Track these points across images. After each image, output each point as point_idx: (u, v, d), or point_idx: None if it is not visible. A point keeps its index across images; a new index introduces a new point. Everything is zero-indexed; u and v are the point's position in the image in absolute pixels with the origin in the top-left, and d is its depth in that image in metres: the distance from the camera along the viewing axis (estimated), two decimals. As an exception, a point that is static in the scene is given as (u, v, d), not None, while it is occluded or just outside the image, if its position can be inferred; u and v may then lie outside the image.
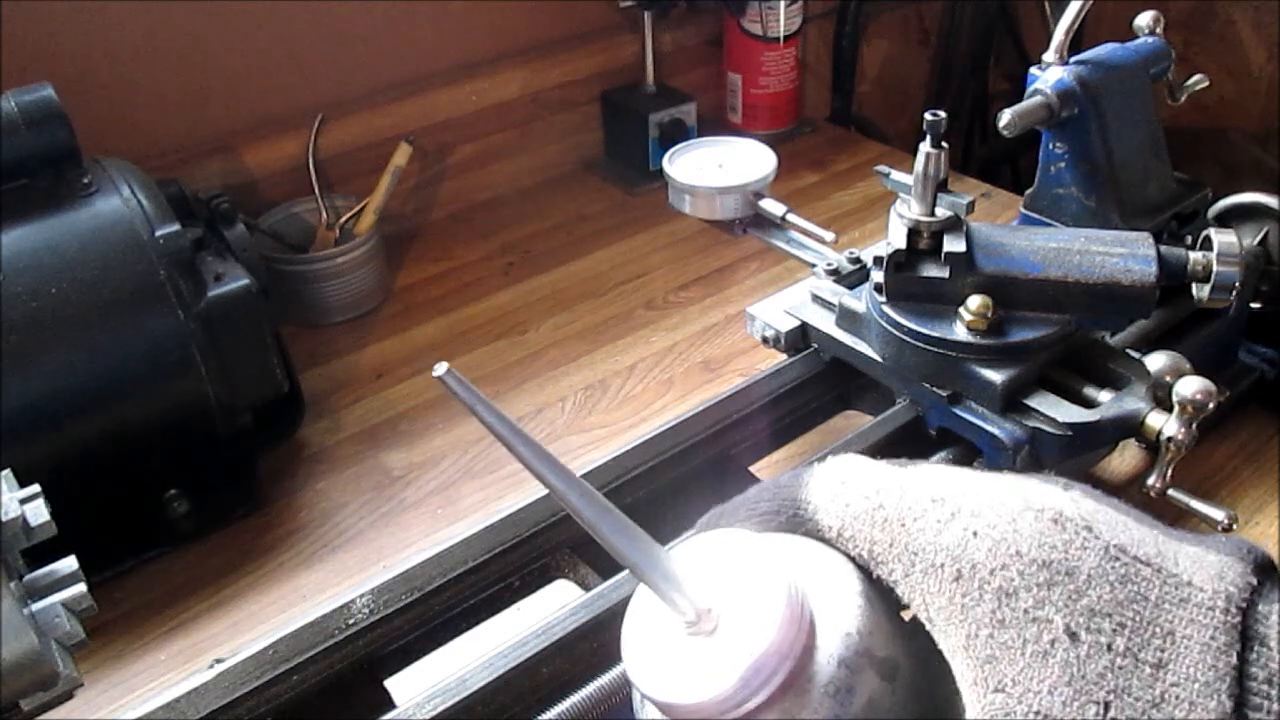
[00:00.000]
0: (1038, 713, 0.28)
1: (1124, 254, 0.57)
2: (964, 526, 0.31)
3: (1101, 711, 0.27)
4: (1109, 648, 0.28)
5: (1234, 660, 0.27)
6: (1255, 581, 0.29)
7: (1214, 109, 1.39)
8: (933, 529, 0.32)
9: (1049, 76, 0.67)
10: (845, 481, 0.34)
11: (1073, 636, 0.28)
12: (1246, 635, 0.28)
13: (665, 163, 0.75)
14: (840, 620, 0.31)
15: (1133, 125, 0.69)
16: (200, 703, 0.46)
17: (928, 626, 0.31)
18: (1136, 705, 0.27)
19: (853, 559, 0.33)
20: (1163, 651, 0.28)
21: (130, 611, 0.68)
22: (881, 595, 0.33)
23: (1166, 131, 0.72)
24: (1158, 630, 0.28)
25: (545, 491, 0.56)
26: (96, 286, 0.66)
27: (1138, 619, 0.28)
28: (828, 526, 0.34)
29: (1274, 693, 0.27)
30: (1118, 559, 0.30)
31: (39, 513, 0.41)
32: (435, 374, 0.30)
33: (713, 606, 0.31)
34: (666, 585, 0.32)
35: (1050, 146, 0.70)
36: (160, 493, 0.72)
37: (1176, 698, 0.27)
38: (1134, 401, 0.56)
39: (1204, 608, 0.28)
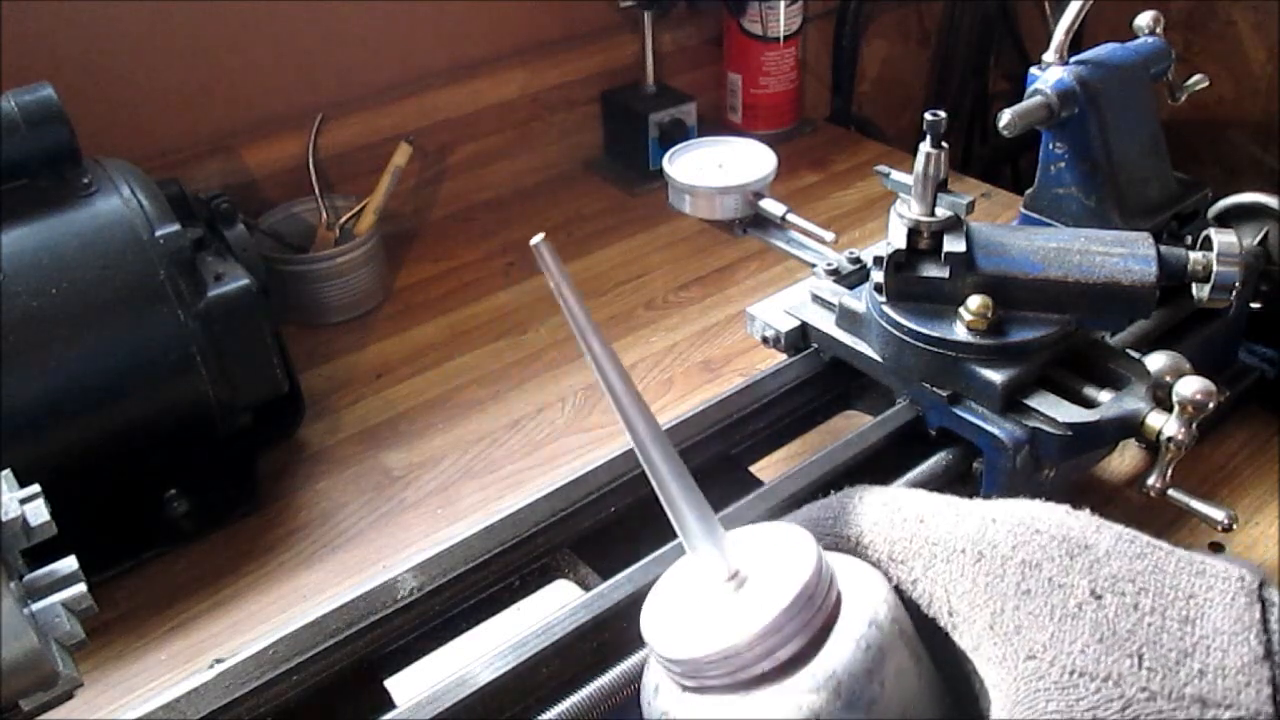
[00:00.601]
0: (1072, 671, 0.28)
1: (1124, 254, 0.57)
2: (982, 516, 0.32)
3: (1136, 663, 0.27)
4: (1135, 607, 0.29)
5: (1257, 615, 0.28)
6: (1260, 577, 0.30)
7: (1214, 109, 1.39)
8: (951, 521, 0.32)
9: (1049, 76, 0.67)
10: (862, 498, 0.36)
11: (1098, 598, 0.29)
12: (1262, 602, 0.29)
13: (665, 163, 0.75)
14: (871, 593, 0.31)
15: (1133, 125, 0.69)
16: (200, 703, 0.46)
17: (948, 621, 0.31)
18: (1169, 655, 0.27)
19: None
20: (1187, 610, 0.28)
21: (130, 611, 0.68)
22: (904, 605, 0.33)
23: (1166, 131, 0.72)
24: (1179, 594, 0.29)
25: (545, 491, 0.57)
26: (96, 286, 0.66)
27: (1159, 585, 0.29)
28: (847, 536, 0.35)
29: None
30: (1133, 541, 0.31)
31: (39, 513, 0.41)
32: (533, 243, 0.31)
33: (744, 566, 0.32)
34: (702, 529, 0.32)
35: (1050, 146, 0.70)
36: (160, 493, 0.72)
37: (1208, 647, 0.27)
38: (1134, 401, 0.56)
39: (1220, 577, 0.29)
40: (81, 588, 0.42)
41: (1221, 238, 0.57)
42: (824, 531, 0.35)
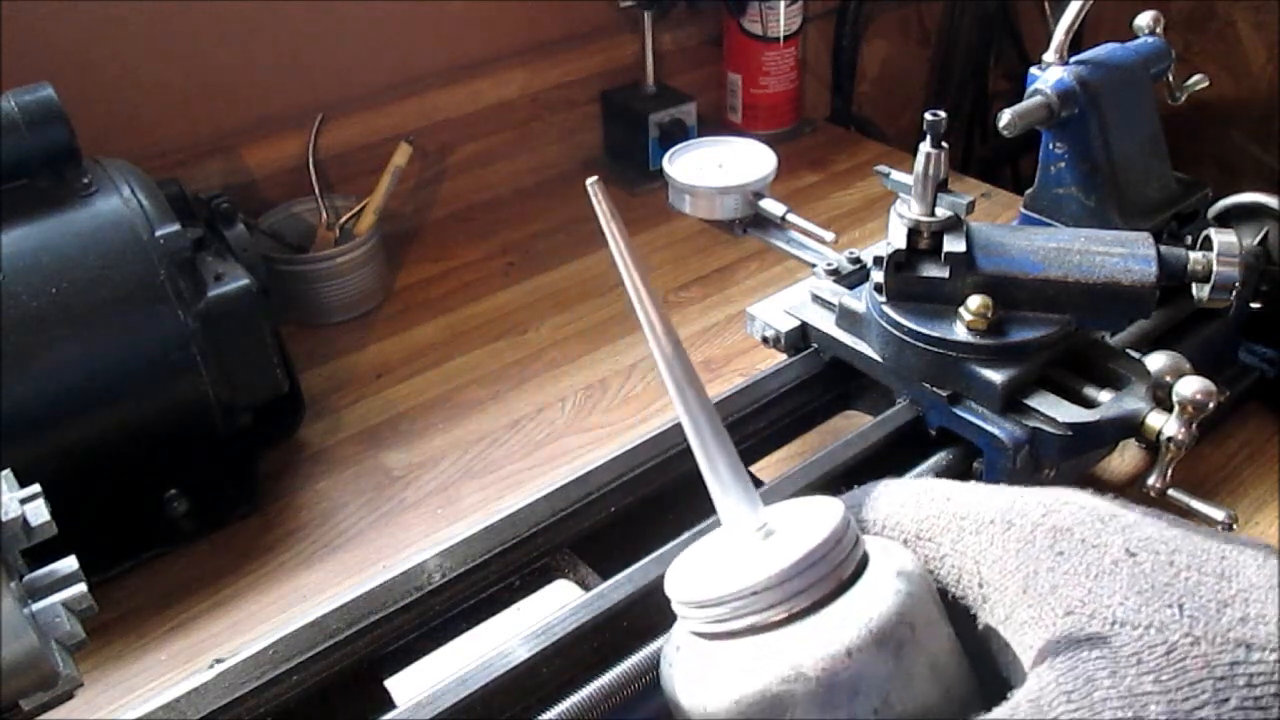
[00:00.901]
0: (1113, 621, 0.28)
1: (1124, 254, 0.57)
2: (1009, 492, 0.32)
3: (1178, 611, 0.27)
4: (1170, 563, 0.29)
5: None
6: None
7: (1214, 109, 1.39)
8: (979, 497, 0.33)
9: (1049, 76, 0.67)
10: (886, 485, 0.36)
11: (1133, 555, 0.29)
12: None
13: (665, 163, 0.75)
14: (899, 552, 0.32)
15: (1133, 125, 0.69)
16: (200, 703, 0.46)
17: (977, 594, 0.31)
18: (1209, 605, 0.27)
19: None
20: (1221, 567, 0.28)
21: (130, 611, 0.68)
22: None
23: (1166, 131, 0.72)
24: (1210, 555, 0.29)
25: (545, 491, 0.57)
26: (96, 286, 0.66)
27: (1191, 546, 0.29)
28: (873, 520, 0.35)
29: None
30: (1159, 514, 0.31)
31: (39, 512, 0.41)
32: (589, 182, 0.33)
33: (771, 521, 0.32)
34: (734, 479, 0.33)
35: (1050, 146, 0.70)
36: (160, 493, 0.72)
37: (1246, 599, 0.27)
38: (1134, 401, 0.56)
39: (1249, 546, 0.29)
40: (81, 588, 0.42)
41: (1221, 238, 0.57)
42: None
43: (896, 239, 0.59)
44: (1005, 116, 0.65)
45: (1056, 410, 0.56)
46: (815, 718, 0.28)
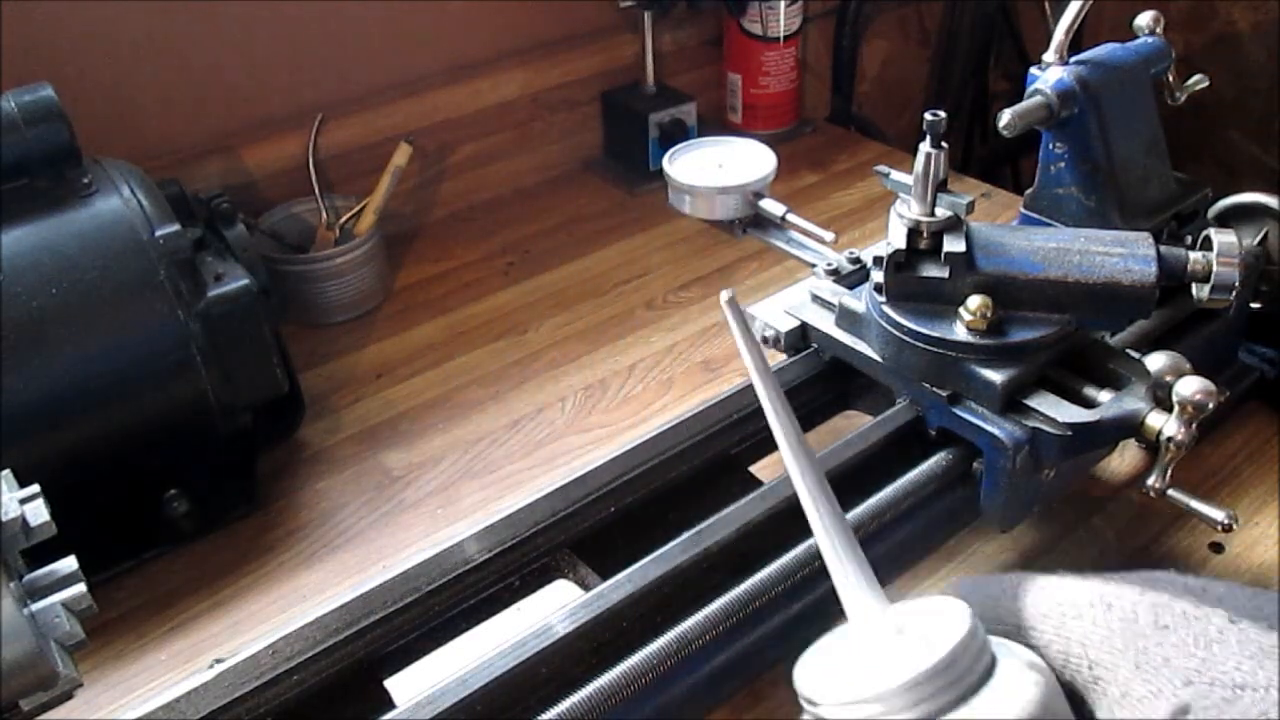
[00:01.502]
0: (1235, 686, 0.29)
1: (1124, 254, 0.57)
2: (1098, 579, 0.33)
3: None
4: (1271, 627, 0.30)
5: None
6: None
7: (1214, 109, 1.39)
8: (1070, 583, 0.33)
9: (1049, 76, 0.67)
10: (965, 583, 0.36)
11: (1235, 624, 0.30)
12: None
13: (665, 163, 0.75)
14: (1020, 649, 0.32)
15: (1133, 125, 0.69)
16: (200, 703, 0.46)
17: (1087, 676, 0.32)
18: None
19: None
20: None
21: (130, 611, 0.68)
22: None
23: (1166, 131, 0.72)
24: None
25: (545, 491, 0.57)
26: (96, 286, 0.66)
27: None
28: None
29: None
30: (1241, 586, 0.32)
31: (39, 513, 0.41)
32: (722, 300, 0.34)
33: (899, 619, 0.32)
34: (860, 576, 0.33)
35: (1050, 146, 0.70)
36: (160, 493, 0.72)
37: None
38: (1134, 401, 0.56)
39: None
40: (81, 588, 0.42)
41: (1221, 238, 0.57)
42: None
43: (896, 239, 0.58)
44: (1005, 116, 0.65)
45: (1056, 410, 0.56)
46: None
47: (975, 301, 0.57)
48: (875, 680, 0.29)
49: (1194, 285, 0.58)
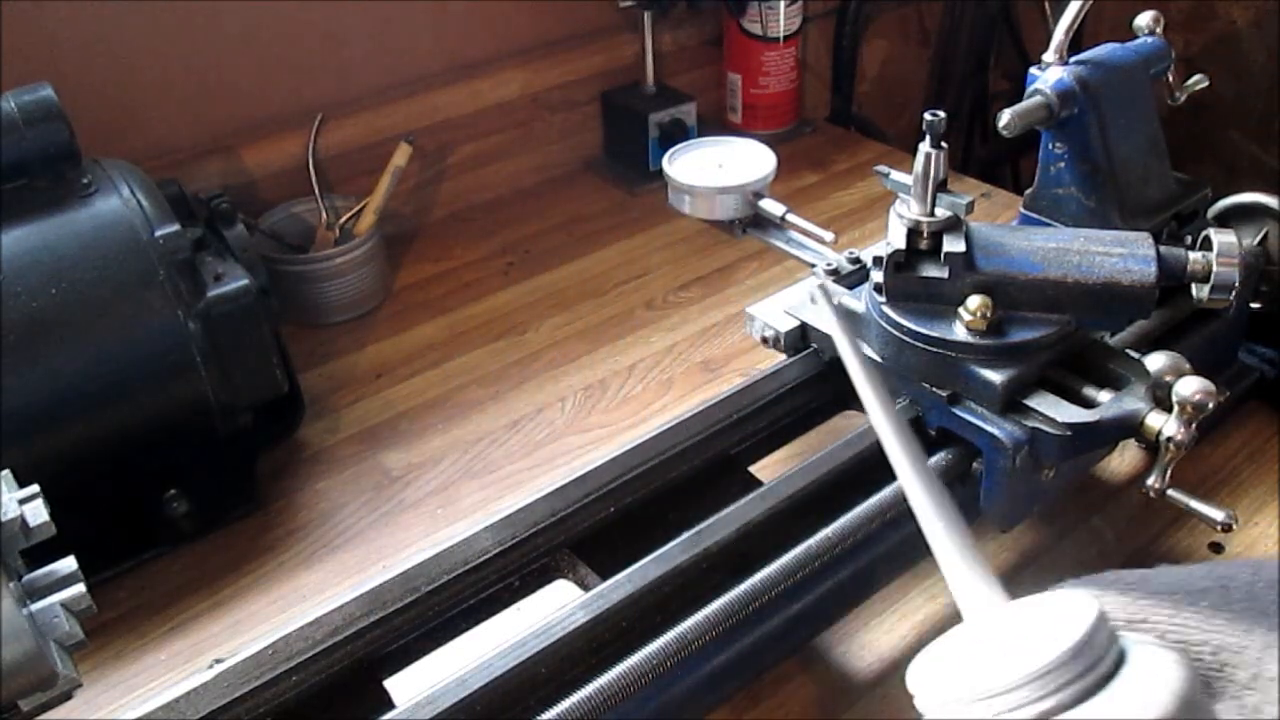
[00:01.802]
0: None
1: (1124, 254, 0.57)
2: (1203, 566, 0.33)
3: None
4: None
5: None
6: None
7: (1214, 109, 1.39)
8: (1178, 572, 0.33)
9: (1049, 76, 0.67)
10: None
11: None
12: None
13: (665, 163, 0.75)
14: (1147, 639, 0.30)
15: (1133, 125, 0.69)
16: (200, 703, 0.46)
17: (1212, 661, 0.31)
18: None
19: None
20: None
21: (130, 611, 0.68)
22: None
23: (1166, 131, 0.72)
24: None
25: (545, 491, 0.57)
26: (96, 287, 0.66)
27: None
28: None
29: None
30: None
31: (38, 513, 0.41)
32: (816, 282, 0.31)
33: (1019, 611, 0.30)
34: (979, 574, 0.32)
35: (1050, 146, 0.70)
36: (160, 493, 0.72)
37: None
38: (1134, 401, 0.56)
39: None
40: (81, 588, 0.42)
41: (1221, 238, 0.57)
42: None
43: (896, 239, 0.59)
44: (1005, 116, 0.65)
45: (1056, 410, 0.56)
46: None
47: (975, 302, 0.57)
48: (1004, 672, 0.28)
49: (1194, 285, 0.58)
